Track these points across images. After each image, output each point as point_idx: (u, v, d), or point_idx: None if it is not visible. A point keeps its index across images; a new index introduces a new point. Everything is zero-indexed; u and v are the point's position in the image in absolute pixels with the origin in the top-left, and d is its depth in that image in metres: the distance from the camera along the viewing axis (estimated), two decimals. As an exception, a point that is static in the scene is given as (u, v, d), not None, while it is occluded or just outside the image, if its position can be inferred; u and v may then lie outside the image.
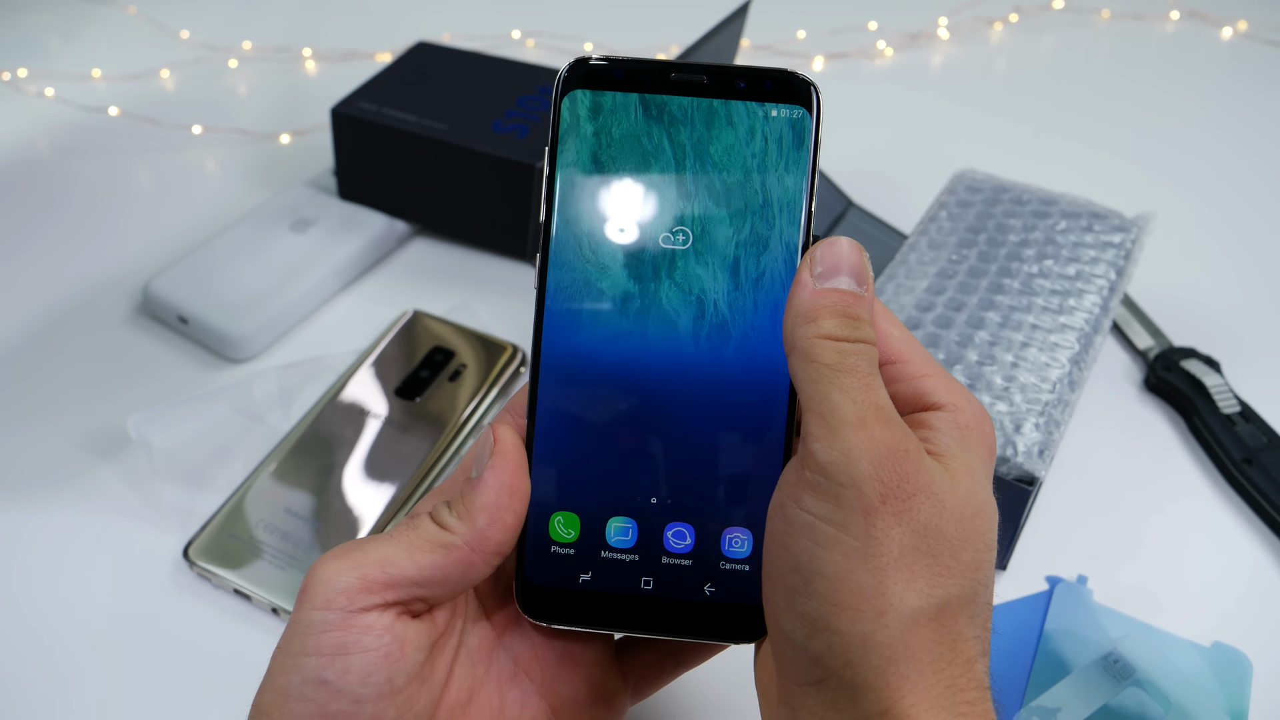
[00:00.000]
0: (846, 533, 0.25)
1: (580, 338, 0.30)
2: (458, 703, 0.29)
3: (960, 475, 0.26)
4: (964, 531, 0.26)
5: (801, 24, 0.88)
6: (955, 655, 0.25)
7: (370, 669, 0.26)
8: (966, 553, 0.26)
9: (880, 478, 0.25)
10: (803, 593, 0.25)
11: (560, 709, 0.30)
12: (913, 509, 0.25)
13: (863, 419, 0.26)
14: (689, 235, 0.30)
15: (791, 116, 0.30)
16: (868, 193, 0.67)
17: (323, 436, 0.50)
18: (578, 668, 0.31)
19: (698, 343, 0.30)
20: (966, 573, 0.25)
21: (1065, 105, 0.80)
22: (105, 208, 0.68)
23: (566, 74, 0.30)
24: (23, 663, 0.43)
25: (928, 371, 0.29)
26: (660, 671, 0.32)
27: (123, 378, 0.56)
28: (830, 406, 0.26)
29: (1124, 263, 0.52)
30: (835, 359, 0.26)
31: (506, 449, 0.29)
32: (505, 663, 0.30)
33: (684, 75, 0.30)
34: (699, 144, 0.30)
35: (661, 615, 0.29)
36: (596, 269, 0.30)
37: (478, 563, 0.28)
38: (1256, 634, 0.45)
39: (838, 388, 0.26)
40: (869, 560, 0.24)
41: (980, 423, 0.28)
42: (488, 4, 0.91)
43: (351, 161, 0.63)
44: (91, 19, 0.89)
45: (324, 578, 0.26)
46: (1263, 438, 0.52)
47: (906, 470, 0.25)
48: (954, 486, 0.26)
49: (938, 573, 0.25)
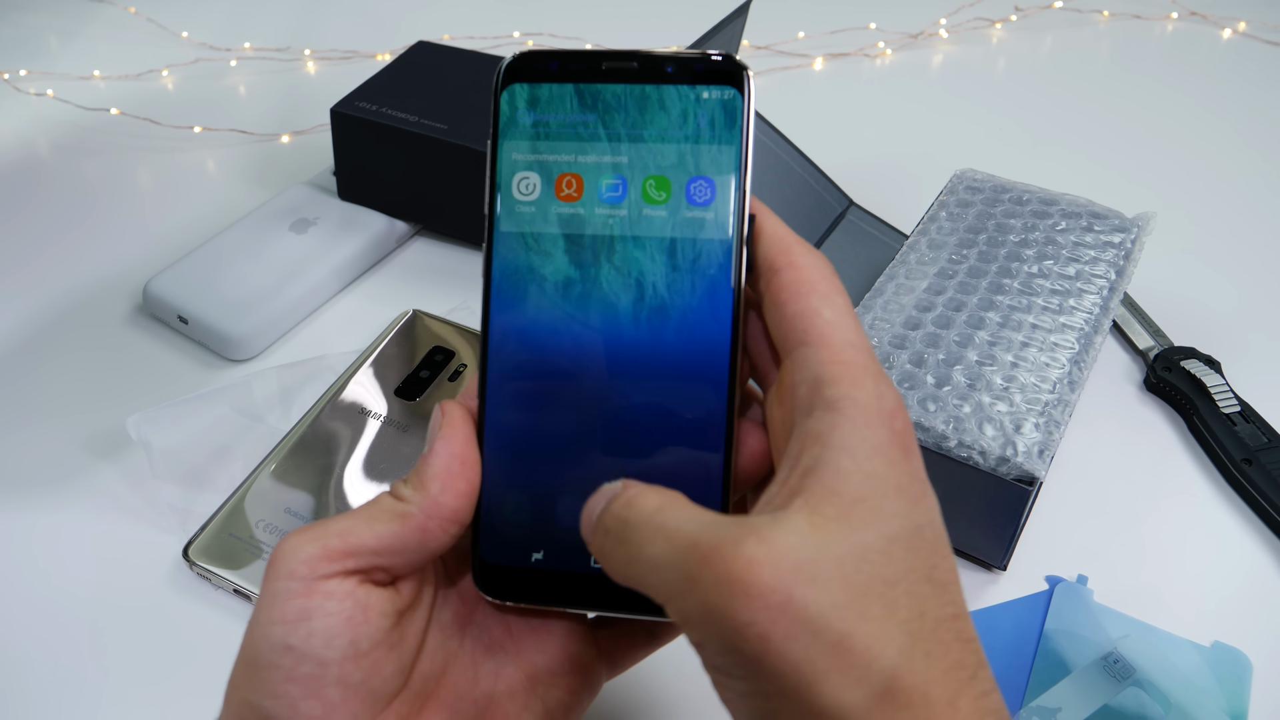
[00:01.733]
0: (757, 684, 0.23)
1: (525, 322, 0.31)
2: (431, 673, 0.30)
3: (840, 512, 0.24)
4: (867, 584, 0.23)
5: (801, 24, 0.88)
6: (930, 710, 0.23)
7: (333, 632, 0.27)
8: (887, 601, 0.23)
9: (745, 620, 0.23)
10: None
11: (536, 678, 0.30)
12: (792, 614, 0.23)
13: (684, 573, 0.24)
14: (627, 218, 0.30)
15: (723, 98, 0.30)
16: (868, 193, 0.67)
17: (323, 436, 0.50)
18: (552, 637, 0.31)
19: (638, 324, 0.30)
20: (903, 623, 0.23)
21: (1065, 105, 0.80)
22: (105, 208, 0.68)
23: (505, 68, 0.31)
24: (23, 662, 0.43)
25: (840, 358, 0.27)
26: (633, 645, 0.32)
27: (123, 378, 0.56)
28: (654, 591, 0.25)
29: (1124, 263, 0.52)
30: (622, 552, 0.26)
31: (454, 421, 0.30)
32: (479, 635, 0.31)
33: (616, 64, 0.31)
34: (633, 129, 0.31)
35: (614, 592, 0.29)
36: (539, 255, 0.31)
37: (434, 530, 0.28)
38: (1256, 634, 0.45)
39: (645, 568, 0.25)
40: (791, 694, 0.23)
41: (886, 418, 0.26)
42: (488, 4, 0.91)
43: (351, 161, 0.63)
44: (91, 19, 0.89)
45: (287, 550, 0.27)
46: (1263, 438, 0.52)
47: (765, 582, 0.23)
48: (827, 541, 0.24)
49: (865, 647, 0.23)
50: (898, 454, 0.26)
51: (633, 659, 0.32)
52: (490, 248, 0.31)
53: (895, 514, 0.25)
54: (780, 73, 0.83)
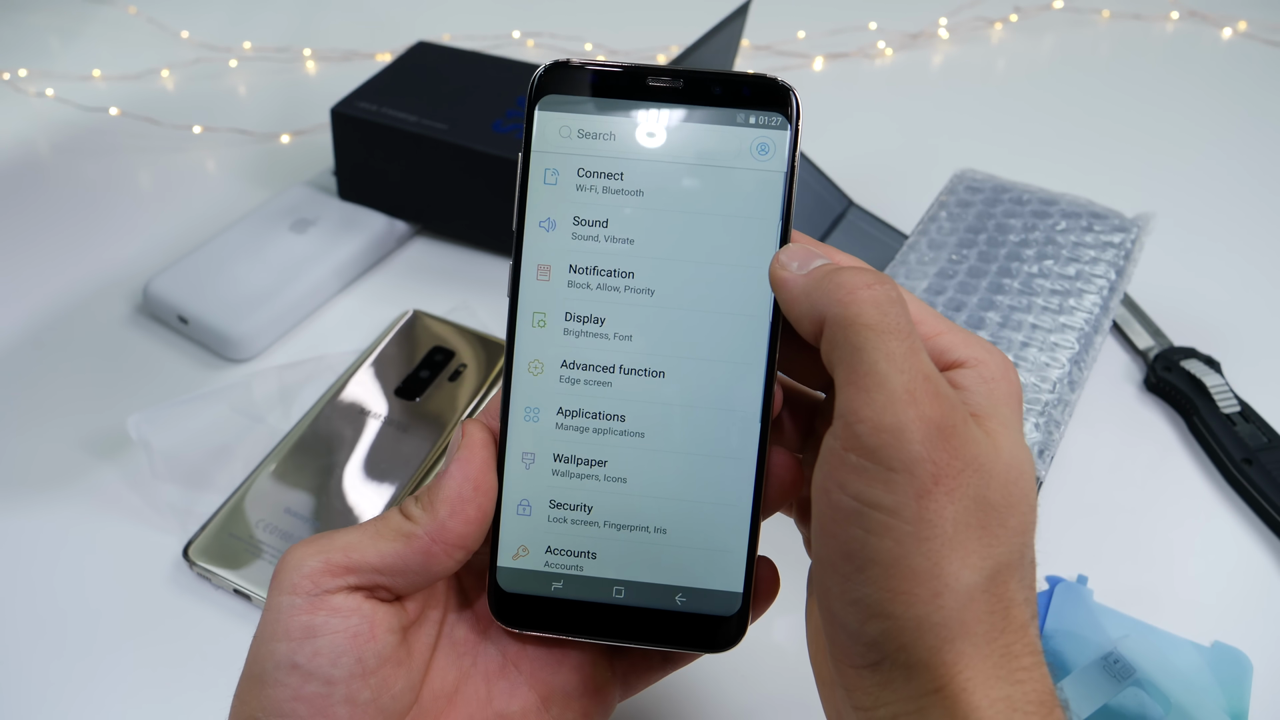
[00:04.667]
0: (899, 518, 0.24)
1: (551, 347, 0.30)
2: (443, 692, 0.29)
3: (999, 437, 0.26)
4: (1009, 497, 0.25)
5: (801, 24, 0.88)
6: (1008, 623, 0.25)
7: (339, 650, 0.26)
8: (1013, 518, 0.25)
9: (933, 459, 0.24)
10: (855, 579, 0.25)
11: (549, 699, 0.30)
12: (963, 484, 0.25)
13: (912, 393, 0.25)
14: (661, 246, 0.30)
15: (770, 123, 0.29)
16: (868, 193, 0.67)
17: (323, 436, 0.50)
18: (567, 659, 0.31)
19: (671, 353, 0.29)
20: (1014, 537, 0.25)
21: (1065, 105, 0.80)
22: (105, 208, 0.68)
23: (541, 77, 0.30)
24: (23, 662, 0.43)
25: (942, 329, 0.28)
26: (649, 668, 0.32)
27: (123, 378, 0.56)
28: (877, 379, 0.25)
29: (1124, 263, 0.52)
30: (878, 318, 0.25)
31: (474, 443, 0.29)
32: (493, 655, 0.30)
33: (660, 81, 0.30)
34: (670, 150, 0.30)
35: (633, 624, 0.29)
36: (568, 279, 0.30)
37: (439, 554, 0.28)
38: (1256, 634, 0.45)
39: (884, 355, 0.25)
40: (923, 544, 0.24)
41: (1005, 373, 0.28)
42: (488, 4, 0.91)
43: (351, 161, 0.63)
44: (91, 19, 0.89)
45: (290, 563, 0.27)
46: (1263, 438, 0.52)
47: (955, 446, 0.25)
48: (997, 452, 0.26)
49: (988, 543, 0.25)
50: (1018, 404, 0.28)
51: (647, 681, 0.32)
52: (518, 263, 0.30)
53: (1027, 461, 0.27)
54: (780, 73, 0.83)
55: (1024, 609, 0.26)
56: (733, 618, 0.29)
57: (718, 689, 0.42)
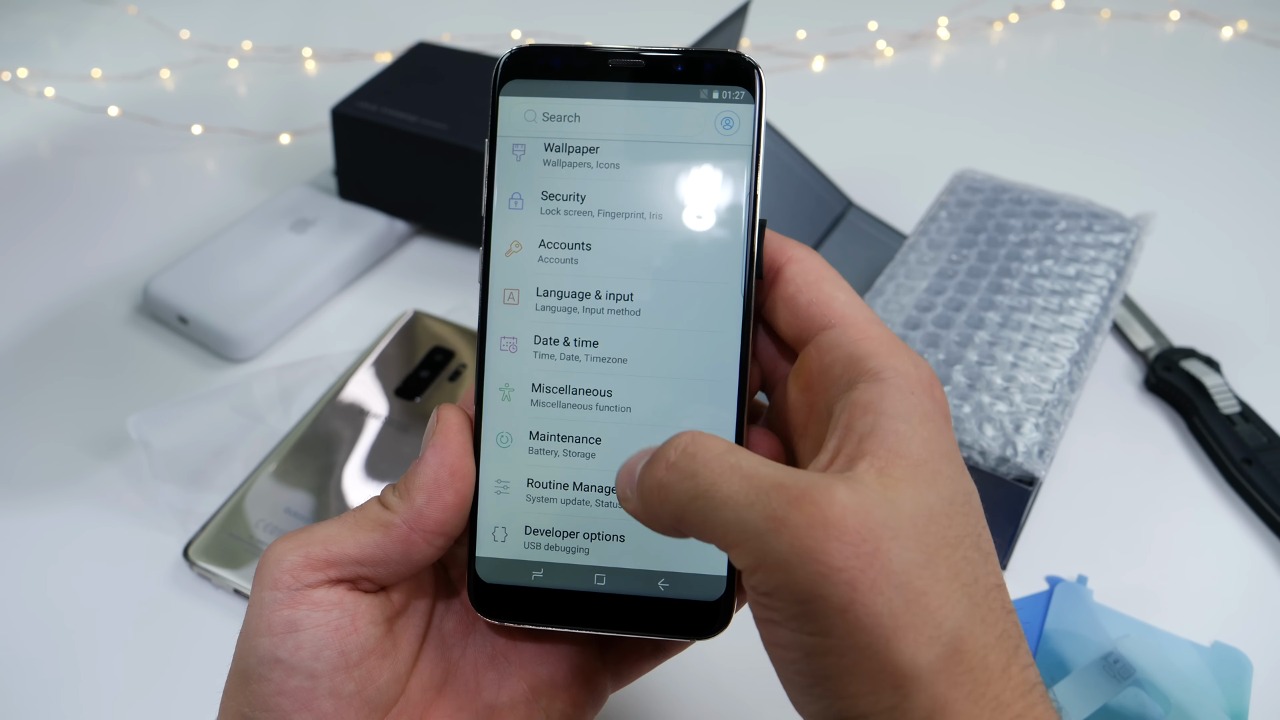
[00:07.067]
0: (831, 638, 0.23)
1: (524, 329, 0.30)
2: (431, 684, 0.29)
3: (898, 486, 0.24)
4: (929, 548, 0.23)
5: (801, 24, 0.88)
6: (988, 674, 0.24)
7: (322, 643, 0.27)
8: (951, 564, 0.24)
9: (837, 565, 0.22)
10: (813, 693, 0.24)
11: (539, 690, 0.30)
12: (879, 564, 0.22)
13: (769, 512, 0.23)
14: (633, 223, 0.30)
15: (734, 98, 0.29)
16: (868, 193, 0.67)
17: (323, 436, 0.50)
18: (557, 649, 0.30)
19: (645, 331, 0.29)
20: (964, 587, 0.24)
21: (1065, 105, 0.80)
22: (105, 208, 0.68)
23: (506, 63, 0.30)
24: (23, 662, 0.43)
25: (871, 334, 0.27)
26: (640, 658, 0.32)
27: (123, 378, 0.56)
28: (727, 529, 0.24)
29: (1124, 263, 0.52)
30: (690, 485, 0.24)
31: (449, 428, 0.29)
32: (482, 645, 0.30)
33: (622, 61, 0.30)
34: (638, 129, 0.30)
35: (616, 612, 0.29)
36: (539, 260, 0.30)
37: (418, 542, 0.28)
38: (1256, 634, 0.45)
39: (718, 503, 0.24)
40: (867, 649, 0.23)
41: (927, 387, 0.26)
42: (488, 4, 0.91)
43: (351, 161, 0.63)
44: (91, 19, 0.89)
45: (271, 558, 0.27)
46: (1263, 438, 0.52)
47: (856, 530, 0.23)
48: (896, 509, 0.23)
49: (938, 607, 0.23)
50: (942, 421, 0.26)
51: (639, 671, 0.32)
52: (487, 248, 0.30)
53: (950, 478, 0.25)
54: (780, 73, 0.83)
55: (999, 653, 0.24)
56: (717, 602, 0.29)
57: (709, 677, 0.41)
